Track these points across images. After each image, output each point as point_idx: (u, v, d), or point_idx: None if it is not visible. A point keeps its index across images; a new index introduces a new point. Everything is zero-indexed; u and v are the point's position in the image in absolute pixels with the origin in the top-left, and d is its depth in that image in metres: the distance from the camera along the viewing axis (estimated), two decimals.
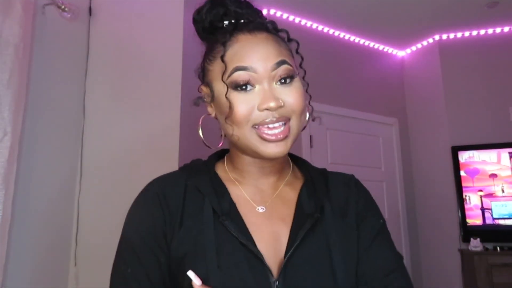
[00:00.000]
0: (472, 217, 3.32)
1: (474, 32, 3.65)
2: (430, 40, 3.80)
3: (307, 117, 0.74)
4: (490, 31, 3.63)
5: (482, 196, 3.32)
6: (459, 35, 3.70)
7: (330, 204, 0.73)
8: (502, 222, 3.24)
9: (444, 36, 3.73)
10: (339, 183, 0.78)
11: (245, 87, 0.66)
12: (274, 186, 0.75)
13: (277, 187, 0.75)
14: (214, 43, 0.70)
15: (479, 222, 3.30)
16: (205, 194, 0.69)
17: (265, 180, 0.74)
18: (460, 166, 3.41)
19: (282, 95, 0.66)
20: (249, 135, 0.66)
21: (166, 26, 2.17)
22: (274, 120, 0.65)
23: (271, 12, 3.23)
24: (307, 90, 0.70)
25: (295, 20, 3.39)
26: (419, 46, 3.91)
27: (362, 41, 3.81)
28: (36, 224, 1.88)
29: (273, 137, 0.65)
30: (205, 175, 0.73)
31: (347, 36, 3.71)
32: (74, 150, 2.12)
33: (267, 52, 0.67)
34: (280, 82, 0.67)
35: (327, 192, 0.75)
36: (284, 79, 0.67)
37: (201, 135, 0.74)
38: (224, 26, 0.70)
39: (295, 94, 0.67)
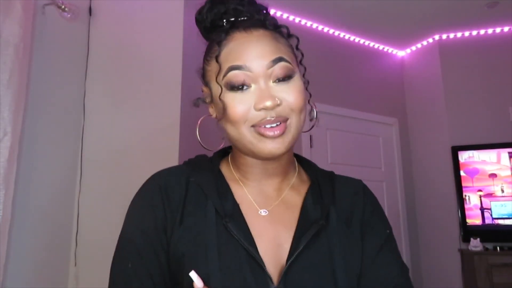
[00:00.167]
0: (472, 217, 3.32)
1: (474, 32, 3.65)
2: (430, 40, 3.80)
3: (314, 116, 0.72)
4: (490, 31, 3.63)
5: (481, 196, 3.32)
6: (459, 35, 3.69)
7: (335, 211, 0.71)
8: (501, 222, 3.24)
9: (444, 36, 3.73)
10: (346, 189, 0.75)
11: (241, 87, 0.64)
12: (278, 189, 0.72)
13: (281, 190, 0.73)
14: (211, 43, 0.69)
15: (478, 222, 3.29)
16: (207, 194, 0.67)
17: (268, 181, 0.72)
18: (460, 166, 3.41)
19: (279, 93, 0.64)
20: (248, 135, 0.64)
21: (166, 26, 2.17)
22: (272, 119, 0.63)
23: (271, 12, 3.23)
24: (307, 88, 0.67)
25: (295, 20, 3.39)
26: (419, 46, 3.91)
27: (362, 41, 3.81)
28: (36, 224, 1.88)
29: (270, 132, 0.63)
30: (209, 173, 0.71)
31: (347, 36, 3.71)
32: (74, 150, 2.12)
33: (263, 49, 0.64)
34: (278, 80, 0.64)
35: (333, 197, 0.72)
36: (282, 77, 0.64)
37: (198, 137, 0.72)
38: (223, 25, 0.68)
39: (293, 92, 0.65)
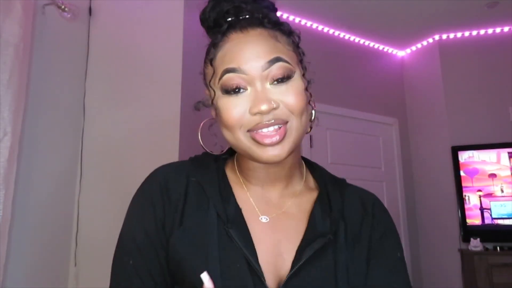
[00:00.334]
0: (471, 217, 3.32)
1: (474, 32, 3.65)
2: (430, 40, 3.80)
3: (313, 117, 0.68)
4: (490, 31, 3.63)
5: (481, 196, 3.32)
6: (459, 35, 3.70)
7: (344, 226, 0.66)
8: (501, 222, 3.25)
9: (444, 36, 3.73)
10: (356, 202, 0.71)
11: (237, 90, 0.60)
12: (282, 195, 0.69)
13: (284, 196, 0.69)
14: (209, 44, 0.66)
15: (478, 222, 3.30)
16: (209, 195, 0.65)
17: (271, 187, 0.69)
18: (460, 166, 3.41)
19: (277, 95, 0.60)
20: (244, 140, 0.62)
21: (166, 26, 2.17)
22: (269, 123, 0.60)
23: None
24: (306, 89, 0.63)
25: (295, 20, 3.39)
26: (419, 46, 3.91)
27: (362, 41, 3.81)
28: (36, 224, 1.88)
29: (268, 140, 0.60)
30: (213, 173, 0.68)
31: (347, 36, 3.72)
32: (74, 150, 2.12)
33: (258, 50, 0.60)
34: (277, 81, 0.60)
35: (342, 211, 0.68)
36: (281, 78, 0.60)
37: (200, 140, 0.69)
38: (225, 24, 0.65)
39: (292, 93, 0.60)
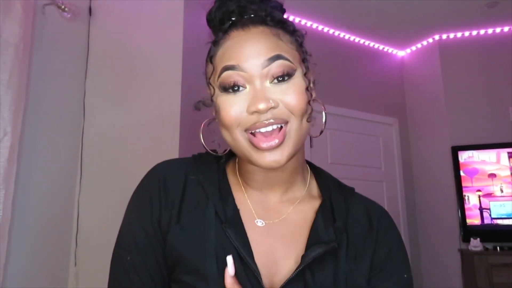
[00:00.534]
0: (471, 217, 3.32)
1: (474, 32, 3.65)
2: (430, 40, 3.80)
3: (323, 119, 0.65)
4: (490, 31, 3.63)
5: (480, 196, 3.32)
6: (459, 35, 3.69)
7: (347, 238, 0.63)
8: (500, 222, 3.25)
9: (444, 36, 3.73)
10: (362, 213, 0.68)
11: (237, 88, 0.59)
12: (281, 200, 0.67)
13: (284, 202, 0.67)
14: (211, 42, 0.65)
15: (477, 222, 3.30)
16: (209, 194, 0.64)
17: (270, 191, 0.67)
18: (460, 166, 3.41)
19: (276, 94, 0.58)
20: (241, 140, 0.60)
21: (166, 26, 2.17)
22: (267, 123, 0.58)
23: None
24: (307, 88, 0.62)
25: (295, 20, 3.39)
26: (419, 46, 3.91)
27: (362, 41, 3.81)
28: (36, 224, 1.88)
29: (265, 144, 0.58)
30: (214, 172, 0.67)
31: (347, 36, 3.71)
32: (74, 150, 2.12)
33: (258, 47, 0.59)
34: (277, 79, 0.59)
35: (346, 223, 0.65)
36: (281, 76, 0.59)
37: (202, 140, 0.68)
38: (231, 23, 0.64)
39: (293, 93, 0.59)
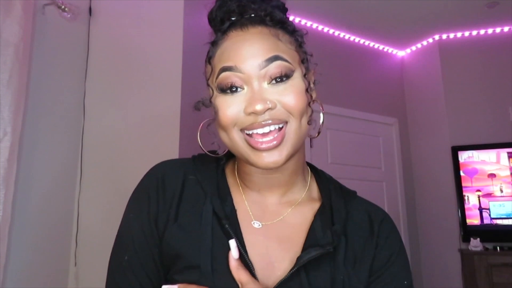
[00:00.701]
0: (471, 217, 3.32)
1: (474, 32, 3.65)
2: (430, 40, 3.80)
3: (321, 120, 0.65)
4: (490, 31, 3.63)
5: (480, 196, 3.32)
6: (459, 35, 3.69)
7: (345, 243, 0.63)
8: (500, 222, 3.25)
9: (444, 36, 3.73)
10: (363, 217, 0.67)
11: (234, 89, 0.59)
12: (279, 202, 0.67)
13: (282, 204, 0.67)
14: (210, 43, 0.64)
15: (477, 222, 3.30)
16: (207, 192, 0.64)
17: (268, 193, 0.67)
18: (460, 166, 3.41)
19: (274, 95, 0.58)
20: (238, 141, 0.60)
21: (166, 26, 2.17)
22: (264, 124, 0.58)
23: None
24: (307, 90, 0.61)
25: (295, 20, 3.39)
26: (419, 46, 3.91)
27: (362, 41, 3.81)
28: (36, 224, 1.88)
29: (263, 145, 0.58)
30: (213, 172, 0.67)
31: (347, 36, 3.72)
32: (74, 150, 2.12)
33: (257, 48, 0.58)
34: (275, 80, 0.58)
35: (345, 226, 0.64)
36: (279, 76, 0.58)
37: (199, 141, 0.67)
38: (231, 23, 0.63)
39: (291, 93, 0.58)
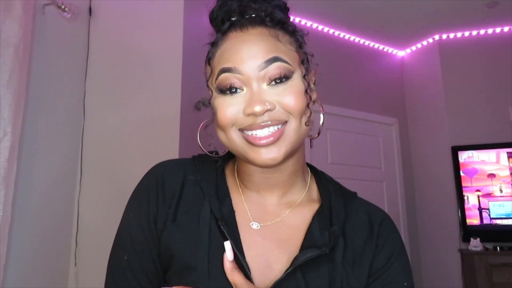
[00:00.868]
0: (471, 217, 3.32)
1: (474, 32, 3.65)
2: (430, 40, 3.80)
3: (321, 121, 0.65)
4: (490, 31, 3.63)
5: (479, 196, 3.32)
6: (459, 35, 3.69)
7: (344, 244, 0.62)
8: (499, 222, 3.25)
9: (444, 36, 3.73)
10: (362, 218, 0.67)
11: (234, 90, 0.59)
12: (279, 203, 0.67)
13: (282, 205, 0.67)
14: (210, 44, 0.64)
15: (476, 222, 3.30)
16: (206, 193, 0.64)
17: (267, 193, 0.66)
18: (459, 166, 3.41)
19: (274, 96, 0.58)
20: (236, 139, 0.60)
21: (166, 26, 2.17)
22: (263, 125, 0.58)
23: None
24: (307, 91, 0.61)
25: (295, 20, 3.39)
26: (419, 46, 3.91)
27: (362, 41, 3.81)
28: (36, 224, 1.88)
29: (262, 140, 0.58)
30: (212, 172, 0.67)
31: (347, 36, 3.71)
32: (74, 150, 2.12)
33: (256, 49, 0.58)
34: (275, 81, 0.58)
35: (344, 227, 0.64)
36: (278, 78, 0.58)
37: (199, 142, 0.67)
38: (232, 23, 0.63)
39: (290, 94, 0.58)
